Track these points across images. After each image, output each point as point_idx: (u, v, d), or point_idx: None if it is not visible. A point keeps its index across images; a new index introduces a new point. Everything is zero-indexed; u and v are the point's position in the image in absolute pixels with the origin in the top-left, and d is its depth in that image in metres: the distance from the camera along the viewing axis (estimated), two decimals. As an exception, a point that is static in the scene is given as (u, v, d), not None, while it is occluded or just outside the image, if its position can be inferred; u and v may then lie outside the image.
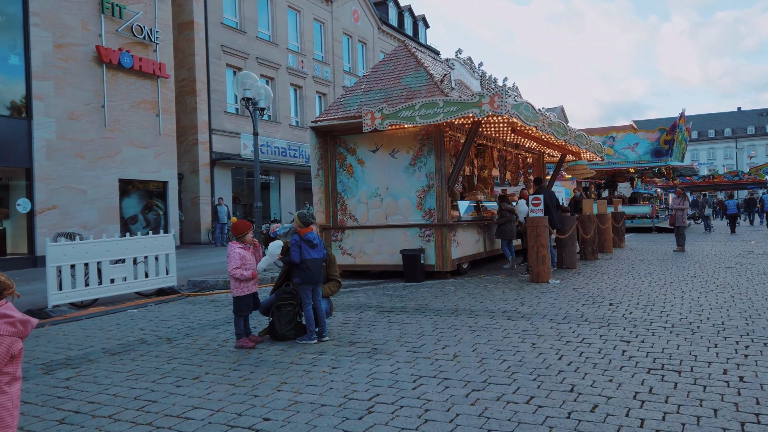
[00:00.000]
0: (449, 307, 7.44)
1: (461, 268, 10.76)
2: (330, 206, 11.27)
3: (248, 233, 5.71)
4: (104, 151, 18.17)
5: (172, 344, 5.99)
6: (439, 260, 10.17)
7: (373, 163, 10.90)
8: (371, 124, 9.99)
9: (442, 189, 10.24)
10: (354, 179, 11.09)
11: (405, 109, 9.67)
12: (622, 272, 10.46)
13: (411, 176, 10.55)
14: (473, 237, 11.26)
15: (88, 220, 17.58)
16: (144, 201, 19.87)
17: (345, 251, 11.04)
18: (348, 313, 7.30)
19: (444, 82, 10.53)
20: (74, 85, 17.33)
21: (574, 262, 11.24)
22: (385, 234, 10.69)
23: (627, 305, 7.12)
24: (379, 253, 10.73)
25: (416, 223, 10.44)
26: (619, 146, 28.15)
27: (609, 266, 11.49)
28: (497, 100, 8.99)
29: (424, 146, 10.45)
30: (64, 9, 17.18)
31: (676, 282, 9.05)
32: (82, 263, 8.92)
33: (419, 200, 10.48)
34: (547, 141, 12.96)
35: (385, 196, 10.78)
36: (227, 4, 25.35)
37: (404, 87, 10.83)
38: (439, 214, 10.25)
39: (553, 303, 7.41)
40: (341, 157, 11.22)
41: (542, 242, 9.39)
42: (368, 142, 10.93)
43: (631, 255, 13.83)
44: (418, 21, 41.67)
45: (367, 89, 11.39)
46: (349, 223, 11.09)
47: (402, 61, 11.53)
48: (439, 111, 9.41)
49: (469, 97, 9.25)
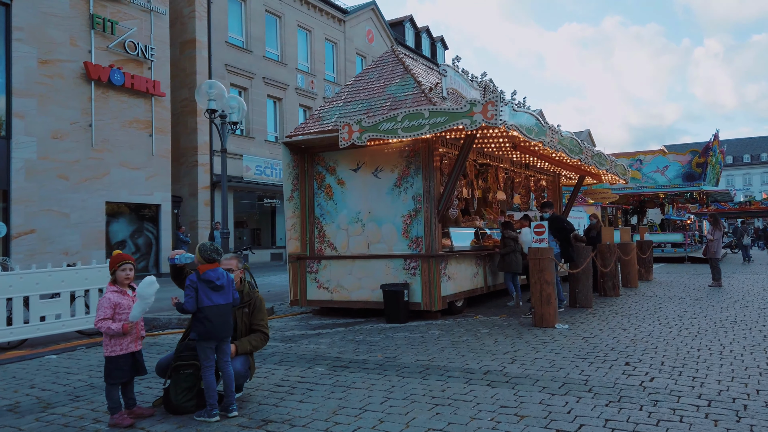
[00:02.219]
0: (421, 362, 5.91)
1: (455, 306, 9.21)
2: (307, 233, 9.87)
3: (124, 270, 4.30)
4: (91, 172, 17.19)
5: (37, 416, 4.59)
6: (426, 297, 8.65)
7: (354, 183, 9.51)
8: (348, 139, 8.62)
9: (431, 214, 8.77)
10: (333, 202, 9.69)
11: (386, 120, 8.29)
12: (647, 314, 8.78)
13: (396, 199, 9.11)
14: (470, 270, 9.71)
15: (70, 246, 16.53)
16: (134, 225, 18.81)
17: (321, 285, 9.59)
18: (292, 369, 5.83)
19: (434, 90, 9.13)
20: (59, 103, 16.46)
21: (589, 299, 9.59)
22: (366, 265, 9.22)
23: (648, 365, 5.50)
24: (358, 288, 9.26)
25: (400, 254, 8.96)
26: (647, 169, 26.34)
27: (631, 305, 9.80)
28: (491, 109, 7.54)
29: (410, 164, 9.02)
30: (52, 24, 16.41)
31: (713, 329, 7.35)
32: (4, 298, 7.65)
33: (405, 226, 9.01)
34: (559, 161, 11.41)
35: (367, 221, 9.34)
36: (233, 23, 24.59)
37: (389, 97, 9.47)
38: (427, 242, 8.77)
39: (552, 360, 5.82)
40: (320, 177, 9.86)
41: (547, 278, 7.81)
42: (349, 160, 9.56)
43: (658, 290, 12.07)
44: (436, 42, 40.62)
45: (348, 99, 10.05)
46: (327, 252, 9.67)
47: (389, 68, 10.19)
48: (425, 122, 8.00)
49: (458, 106, 7.82)
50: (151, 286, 4.10)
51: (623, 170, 14.90)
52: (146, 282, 4.13)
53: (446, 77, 9.25)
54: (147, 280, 4.15)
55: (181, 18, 22.79)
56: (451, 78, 9.42)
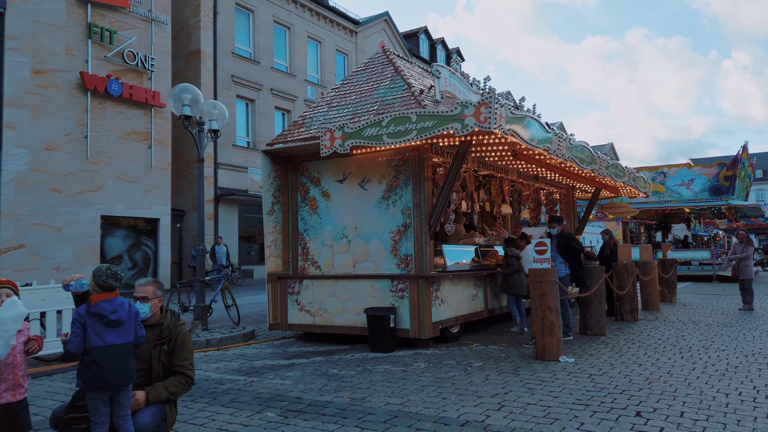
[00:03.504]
0: (391, 406, 4.98)
1: (449, 332, 8.25)
2: (290, 250, 9.02)
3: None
4: (85, 184, 16.63)
5: None
6: (415, 323, 7.71)
7: (339, 195, 8.66)
8: (329, 146, 7.79)
9: (422, 229, 7.86)
10: (317, 216, 8.85)
11: (370, 126, 7.44)
12: (667, 344, 7.71)
13: (384, 212, 8.23)
14: (468, 292, 8.75)
15: (62, 261, 15.93)
16: (131, 240, 18.18)
17: (303, 307, 8.72)
18: (239, 414, 4.94)
19: (425, 93, 8.27)
20: (53, 114, 15.97)
21: (601, 326, 8.55)
22: (351, 287, 8.33)
23: (664, 416, 4.50)
24: (342, 312, 8.36)
25: (388, 274, 8.05)
26: (671, 183, 25.07)
27: (650, 333, 8.73)
28: (484, 112, 6.65)
29: (400, 174, 8.14)
30: (47, 33, 15.98)
31: (744, 366, 6.29)
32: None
33: (393, 243, 8.11)
34: (569, 171, 10.43)
35: (353, 237, 8.47)
36: (240, 34, 24.10)
37: (376, 100, 8.63)
38: (417, 261, 7.85)
39: (548, 407, 4.84)
40: (303, 189, 9.03)
41: (549, 304, 6.83)
42: (335, 170, 8.72)
43: (682, 314, 10.93)
44: (452, 53, 39.85)
45: (334, 104, 9.25)
46: (311, 271, 8.80)
47: (378, 70, 9.37)
48: (412, 128, 7.13)
49: (448, 109, 6.94)
50: (9, 309, 3.24)
51: (644, 183, 13.83)
52: (6, 304, 3.28)
53: (440, 79, 8.39)
54: (7, 302, 3.30)
55: (186, 29, 22.37)
56: (446, 80, 8.55)
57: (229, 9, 23.46)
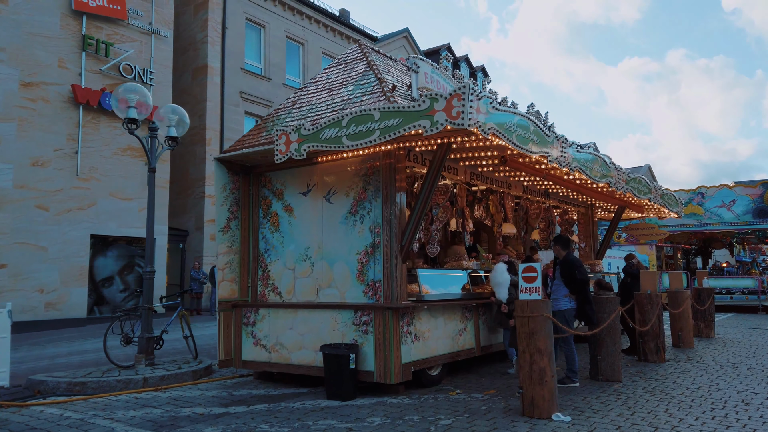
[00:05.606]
0: (298, 489, 3.65)
1: (427, 375, 6.85)
2: (249, 273, 7.81)
3: None
4: (75, 202, 15.87)
5: None
6: (381, 364, 6.34)
7: (303, 210, 7.43)
8: (285, 152, 6.59)
9: (392, 250, 6.54)
10: (280, 234, 7.62)
11: (329, 126, 6.21)
12: (696, 397, 6.15)
13: (350, 230, 6.95)
14: (452, 326, 7.33)
15: (47, 282, 15.11)
16: (123, 261, 17.28)
17: (258, 341, 7.45)
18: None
19: (398, 89, 7.04)
20: (42, 128, 15.31)
21: (615, 370, 7.02)
22: (311, 318, 7.04)
23: None
24: (300, 348, 7.06)
25: (352, 304, 6.74)
26: (710, 204, 23.17)
27: (677, 379, 7.15)
28: (457, 105, 5.36)
29: (368, 185, 6.88)
30: (39, 45, 15.41)
31: (798, 435, 4.73)
32: None
33: (360, 267, 6.81)
34: (580, 185, 9.00)
35: (317, 259, 7.20)
36: (251, 49, 23.41)
37: (343, 99, 7.42)
38: (386, 288, 6.52)
39: (510, 499, 3.43)
40: (266, 203, 7.84)
41: (539, 346, 5.39)
42: (299, 182, 7.51)
43: (720, 354, 9.26)
44: (477, 71, 38.63)
45: (301, 104, 8.08)
46: (271, 299, 7.55)
47: (350, 66, 8.18)
48: (374, 127, 5.88)
49: (415, 103, 5.66)
50: None
51: (675, 202, 12.22)
52: None
53: (418, 74, 7.13)
54: None
55: (195, 44, 21.78)
56: (426, 76, 7.29)
57: (240, 24, 22.83)
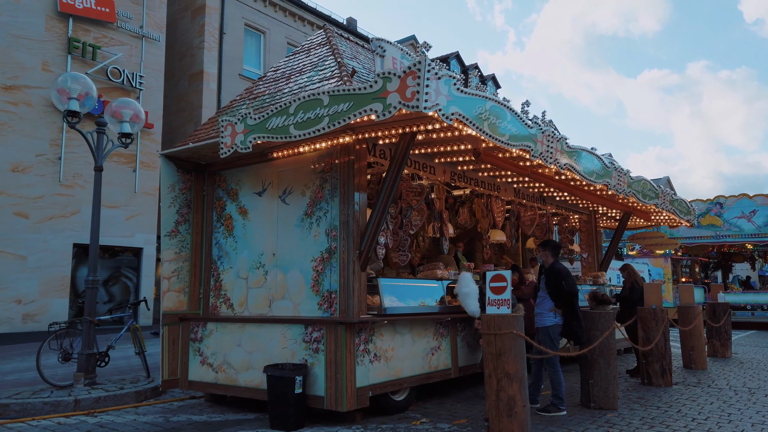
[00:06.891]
0: None
1: (390, 401, 5.97)
2: (201, 283, 7.02)
3: None
4: (57, 209, 15.28)
5: None
6: (332, 388, 5.48)
7: (258, 212, 6.64)
8: (230, 144, 5.82)
9: (349, 256, 5.71)
10: (233, 239, 6.84)
11: (276, 114, 5.43)
12: (703, 430, 5.19)
13: (306, 234, 6.14)
14: (423, 344, 6.44)
15: (26, 293, 14.48)
16: (108, 271, 16.65)
17: (205, 360, 6.64)
18: None
19: (359, 74, 6.25)
20: (23, 133, 14.78)
21: (610, 397, 6.08)
22: (259, 334, 6.21)
23: None
24: (247, 368, 6.22)
25: (303, 317, 5.91)
26: (729, 215, 22.01)
27: (683, 408, 6.18)
28: (411, 84, 4.55)
29: (325, 183, 6.07)
30: (22, 47, 14.94)
31: (826, 487, 3.77)
32: None
33: (316, 275, 5.98)
34: (575, 186, 8.10)
35: (271, 267, 6.39)
36: (250, 56, 22.88)
37: (300, 86, 6.64)
38: (341, 300, 5.68)
39: None
40: (220, 205, 7.06)
41: (508, 369, 4.50)
42: (254, 180, 6.74)
43: (735, 377, 8.23)
44: (487, 80, 37.81)
45: (259, 93, 7.32)
46: (222, 311, 6.75)
47: (312, 52, 7.41)
48: (323, 113, 5.07)
49: (366, 85, 4.86)
50: None
51: (686, 209, 11.23)
52: None
53: (384, 58, 6.35)
54: None
55: (191, 50, 21.29)
56: (394, 60, 6.51)
57: (238, 30, 22.33)
